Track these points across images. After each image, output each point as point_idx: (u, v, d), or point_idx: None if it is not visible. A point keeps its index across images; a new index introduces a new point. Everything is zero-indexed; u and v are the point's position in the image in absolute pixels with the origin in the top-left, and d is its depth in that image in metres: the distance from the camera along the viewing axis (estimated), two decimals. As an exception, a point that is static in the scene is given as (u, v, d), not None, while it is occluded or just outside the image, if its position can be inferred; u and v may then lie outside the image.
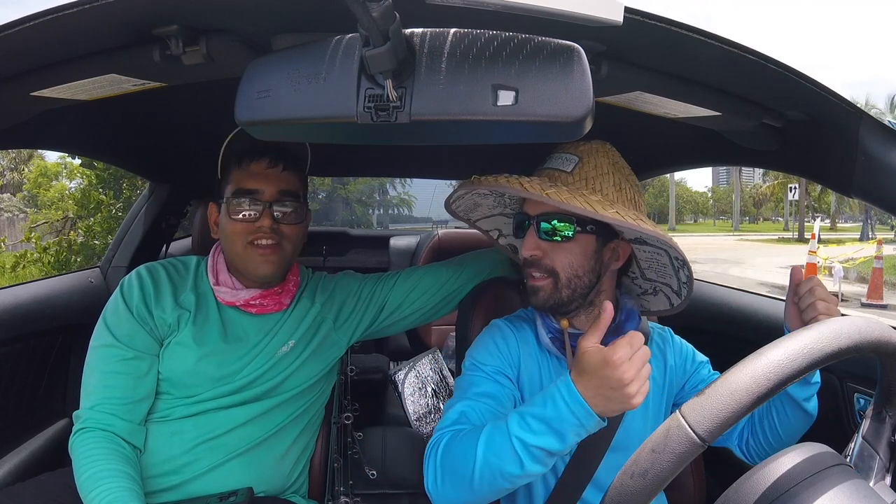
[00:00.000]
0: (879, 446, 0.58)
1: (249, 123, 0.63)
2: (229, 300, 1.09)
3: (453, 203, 1.05)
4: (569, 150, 0.94)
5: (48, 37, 0.65)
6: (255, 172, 1.05)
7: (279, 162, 1.07)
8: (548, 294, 0.92)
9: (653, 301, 1.04)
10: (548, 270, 0.91)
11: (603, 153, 0.93)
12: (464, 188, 0.97)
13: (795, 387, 0.89)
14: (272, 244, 1.05)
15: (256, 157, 1.06)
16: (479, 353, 0.96)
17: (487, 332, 1.00)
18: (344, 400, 1.41)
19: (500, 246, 1.15)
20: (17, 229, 14.71)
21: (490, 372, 0.92)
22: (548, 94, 0.56)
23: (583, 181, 0.90)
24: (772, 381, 0.46)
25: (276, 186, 1.06)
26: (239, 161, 1.07)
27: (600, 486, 0.94)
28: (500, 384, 0.91)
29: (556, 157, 0.95)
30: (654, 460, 0.47)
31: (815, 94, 0.74)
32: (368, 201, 11.79)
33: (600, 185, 0.90)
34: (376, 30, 0.51)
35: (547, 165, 0.95)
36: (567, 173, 0.91)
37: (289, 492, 1.13)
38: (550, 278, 0.91)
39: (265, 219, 1.04)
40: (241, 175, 1.06)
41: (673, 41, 0.65)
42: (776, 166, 1.08)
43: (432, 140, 0.70)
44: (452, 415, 0.86)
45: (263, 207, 1.04)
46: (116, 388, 0.99)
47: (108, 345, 1.01)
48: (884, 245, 9.30)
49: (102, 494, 0.87)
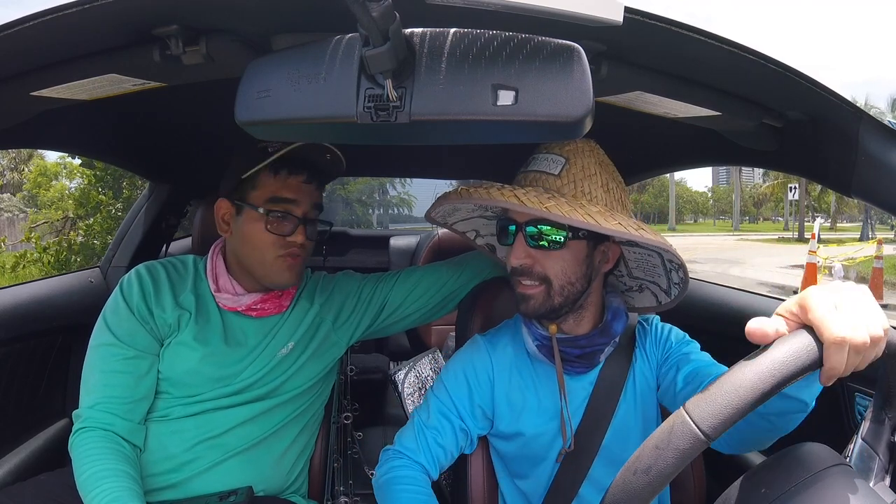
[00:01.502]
0: (879, 447, 0.58)
1: (249, 123, 0.63)
2: (231, 306, 1.08)
3: (434, 211, 1.03)
4: (553, 150, 0.92)
5: (48, 37, 0.65)
6: (291, 185, 1.04)
7: (314, 179, 1.07)
8: (540, 302, 0.90)
9: (638, 298, 1.04)
10: (540, 278, 0.89)
11: (589, 152, 0.91)
12: (451, 201, 0.94)
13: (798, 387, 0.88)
14: (299, 255, 1.06)
15: (295, 171, 1.04)
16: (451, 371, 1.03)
17: (465, 352, 1.04)
18: (344, 400, 1.41)
19: (478, 246, 1.15)
20: (17, 229, 14.71)
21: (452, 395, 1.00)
22: (548, 94, 0.56)
23: (571, 184, 0.88)
24: (776, 378, 0.46)
25: (310, 201, 1.06)
26: (276, 170, 1.03)
27: (597, 484, 0.94)
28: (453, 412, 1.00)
29: (542, 157, 0.92)
30: (657, 456, 0.46)
31: (815, 94, 0.74)
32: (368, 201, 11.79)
33: (588, 188, 0.88)
34: (376, 30, 0.51)
35: (533, 168, 0.92)
36: (555, 176, 0.89)
37: (288, 491, 1.13)
38: (543, 286, 0.90)
39: (299, 235, 1.04)
40: (277, 185, 1.03)
41: (673, 41, 0.64)
42: (776, 166, 1.08)
43: (432, 140, 0.70)
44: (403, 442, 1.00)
45: (298, 223, 1.04)
46: (117, 388, 0.99)
47: (109, 344, 1.01)
48: (884, 245, 9.30)
49: (103, 494, 0.87)
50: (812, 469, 0.51)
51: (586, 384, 0.96)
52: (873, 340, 0.49)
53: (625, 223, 0.83)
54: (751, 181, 51.45)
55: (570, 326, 0.96)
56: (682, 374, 0.89)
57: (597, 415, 0.95)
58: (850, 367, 0.49)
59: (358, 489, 1.41)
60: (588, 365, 0.96)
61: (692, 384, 0.86)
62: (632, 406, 0.96)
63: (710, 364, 0.89)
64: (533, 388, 0.97)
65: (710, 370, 0.86)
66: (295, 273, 1.07)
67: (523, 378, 0.98)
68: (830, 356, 0.47)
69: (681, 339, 0.98)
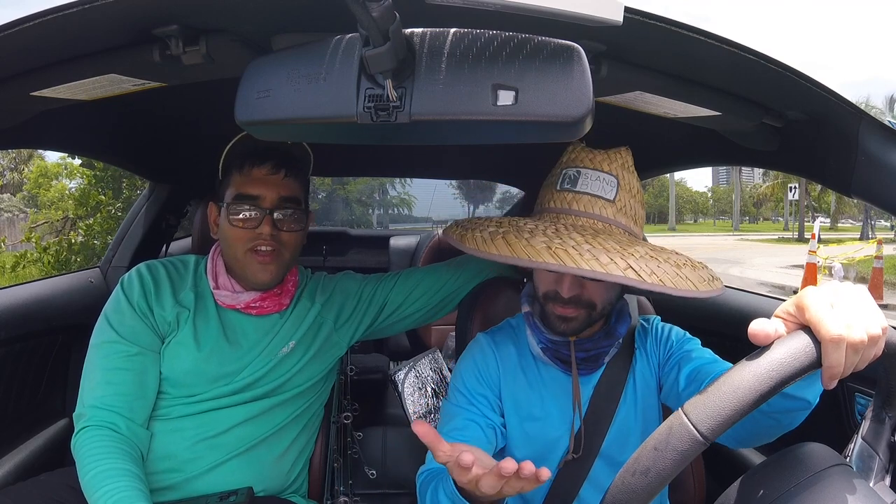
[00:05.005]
0: (879, 447, 0.58)
1: (249, 123, 0.63)
2: (229, 303, 1.08)
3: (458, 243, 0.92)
4: (603, 167, 0.88)
5: (48, 37, 0.65)
6: (256, 178, 1.04)
7: (281, 168, 1.06)
8: (581, 323, 0.90)
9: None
10: (586, 305, 0.89)
11: (631, 165, 0.90)
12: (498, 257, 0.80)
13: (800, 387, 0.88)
14: (271, 251, 1.05)
15: (258, 162, 1.05)
16: (461, 375, 0.99)
17: (469, 352, 1.02)
18: (344, 400, 1.40)
19: None
20: (17, 229, 14.70)
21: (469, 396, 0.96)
22: (548, 94, 0.56)
23: (623, 210, 0.87)
24: (774, 379, 0.46)
25: (277, 193, 1.05)
26: (241, 165, 1.05)
27: (598, 485, 0.94)
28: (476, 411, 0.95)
29: (593, 176, 0.87)
30: (656, 458, 0.47)
31: (815, 94, 0.74)
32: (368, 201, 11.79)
33: (635, 209, 0.88)
34: (376, 30, 0.51)
35: (583, 189, 0.87)
36: (610, 202, 0.86)
37: (288, 491, 1.13)
38: (585, 309, 0.89)
39: (265, 226, 1.03)
40: (243, 180, 1.05)
41: (673, 41, 0.64)
42: (776, 166, 1.08)
43: (432, 140, 0.70)
44: (428, 456, 0.91)
45: (263, 214, 1.04)
46: (120, 385, 0.99)
47: (111, 341, 1.01)
48: (884, 245, 9.30)
49: (108, 494, 0.86)
50: (812, 469, 0.51)
51: (588, 387, 0.96)
52: (871, 339, 0.49)
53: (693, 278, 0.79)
54: (751, 181, 51.42)
55: (584, 332, 0.95)
56: (685, 374, 0.88)
57: (598, 416, 0.95)
58: (849, 367, 0.48)
59: (358, 489, 1.41)
60: (592, 367, 0.95)
61: (695, 383, 0.85)
62: (632, 407, 0.96)
63: (712, 361, 0.88)
64: (538, 390, 0.97)
65: (713, 368, 0.85)
66: (270, 273, 1.06)
67: (528, 379, 0.98)
68: (828, 354, 0.47)
69: (682, 338, 0.98)
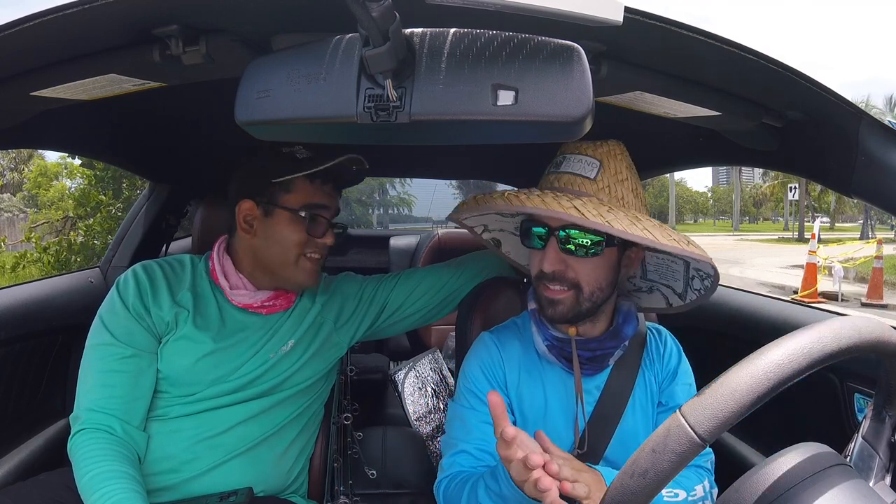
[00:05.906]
0: (879, 446, 0.58)
1: (249, 123, 0.63)
2: (247, 302, 1.09)
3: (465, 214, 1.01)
4: (587, 152, 0.89)
5: (48, 37, 0.65)
6: (325, 191, 1.09)
7: (341, 187, 1.14)
8: (568, 307, 0.89)
9: (645, 298, 1.03)
10: (571, 283, 0.88)
11: (620, 155, 0.90)
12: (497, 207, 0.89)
13: None
14: (320, 258, 1.11)
15: (329, 179, 1.09)
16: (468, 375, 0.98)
17: (474, 351, 1.01)
18: (344, 400, 1.41)
19: (484, 241, 1.13)
20: (17, 229, 14.70)
21: (481, 395, 0.95)
22: (548, 94, 0.56)
23: (606, 189, 0.87)
24: (771, 380, 0.46)
25: (335, 205, 1.12)
26: (311, 177, 1.07)
27: None
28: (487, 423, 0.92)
29: (576, 159, 0.89)
30: (654, 460, 0.47)
31: (815, 94, 0.74)
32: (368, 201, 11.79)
33: (621, 193, 0.88)
34: (376, 30, 0.51)
35: (566, 170, 0.89)
36: (591, 180, 0.87)
37: (288, 491, 1.13)
38: (572, 291, 0.88)
39: (329, 237, 1.10)
40: (314, 190, 1.08)
41: (673, 41, 0.65)
42: (776, 166, 1.08)
43: (432, 140, 0.70)
44: (446, 463, 0.93)
45: (328, 224, 1.10)
46: (115, 387, 0.99)
47: (106, 343, 1.01)
48: (884, 245, 9.30)
49: (106, 497, 0.86)
50: (812, 469, 0.51)
51: (593, 388, 0.96)
52: None
53: (678, 238, 0.81)
54: (751, 181, 51.45)
55: (584, 329, 0.95)
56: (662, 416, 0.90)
57: (604, 421, 0.94)
58: None
59: (358, 489, 1.41)
60: (597, 368, 0.95)
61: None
62: (639, 414, 0.96)
63: None
64: (542, 388, 0.97)
65: None
66: (317, 277, 1.12)
67: (532, 377, 0.98)
68: None
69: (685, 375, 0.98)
